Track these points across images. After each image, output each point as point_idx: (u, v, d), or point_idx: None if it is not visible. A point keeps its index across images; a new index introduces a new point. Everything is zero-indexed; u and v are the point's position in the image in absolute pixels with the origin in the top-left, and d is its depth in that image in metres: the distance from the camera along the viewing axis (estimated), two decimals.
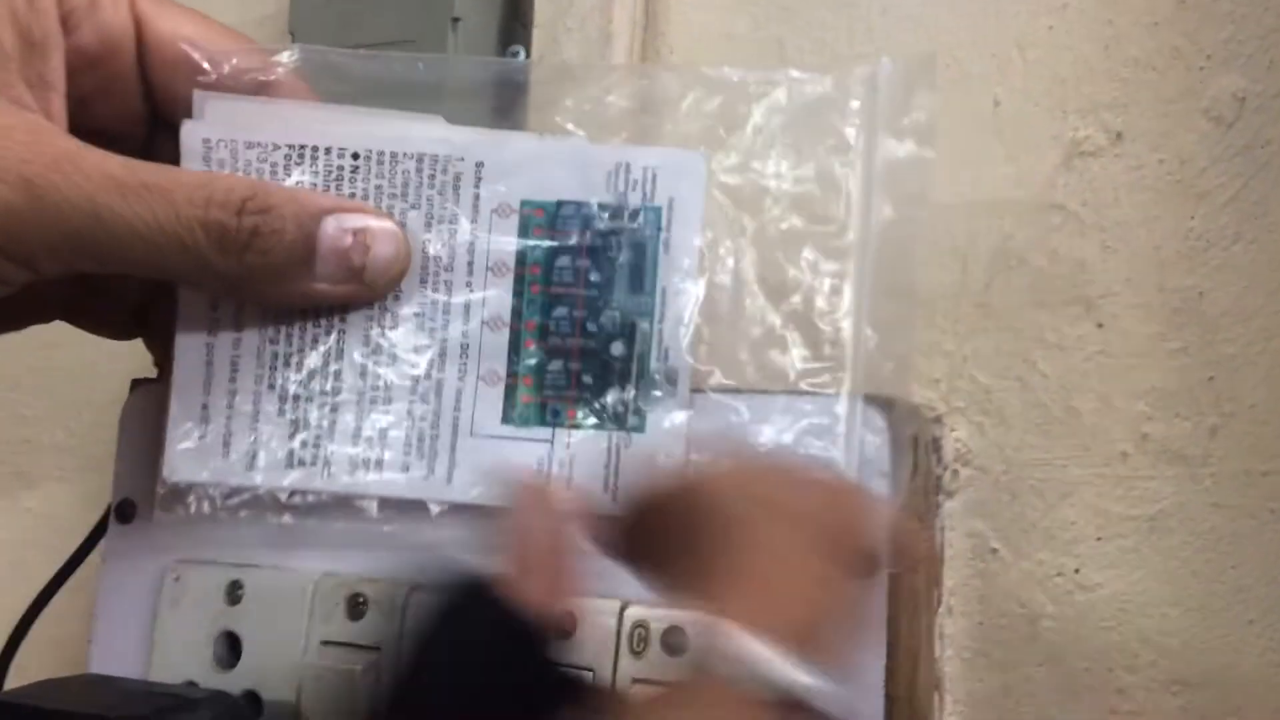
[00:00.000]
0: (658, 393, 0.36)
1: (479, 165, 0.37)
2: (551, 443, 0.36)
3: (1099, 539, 0.39)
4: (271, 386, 0.37)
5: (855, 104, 0.36)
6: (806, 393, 0.35)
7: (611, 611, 0.35)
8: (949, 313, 0.42)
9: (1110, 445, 0.39)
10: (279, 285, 0.34)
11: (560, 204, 0.37)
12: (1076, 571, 0.39)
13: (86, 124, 0.34)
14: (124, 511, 0.43)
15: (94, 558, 0.45)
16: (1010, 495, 0.40)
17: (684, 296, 0.36)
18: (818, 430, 0.35)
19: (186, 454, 0.37)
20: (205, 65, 0.36)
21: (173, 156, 0.36)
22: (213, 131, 0.36)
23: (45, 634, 0.47)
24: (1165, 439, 0.39)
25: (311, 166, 0.36)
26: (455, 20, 0.46)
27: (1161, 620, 0.38)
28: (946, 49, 0.43)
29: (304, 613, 0.38)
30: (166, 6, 0.35)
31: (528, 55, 0.48)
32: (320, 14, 0.48)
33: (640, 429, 0.36)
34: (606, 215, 0.36)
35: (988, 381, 0.41)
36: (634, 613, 0.35)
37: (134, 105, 0.36)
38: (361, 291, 0.35)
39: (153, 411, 0.39)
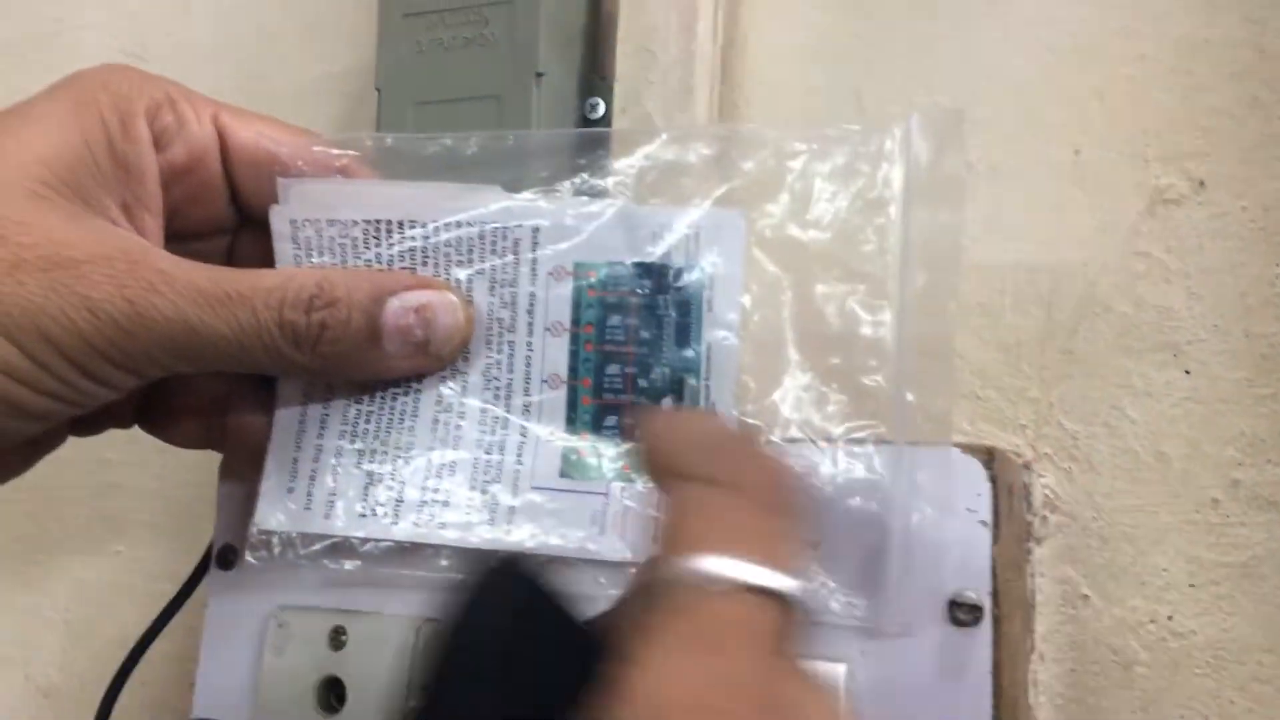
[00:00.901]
0: None
1: (535, 230, 0.38)
2: (607, 495, 0.37)
3: (1191, 585, 0.39)
4: (352, 441, 0.39)
5: (889, 160, 0.37)
6: (853, 446, 0.36)
7: None
8: (1034, 359, 0.42)
9: (1201, 491, 0.40)
10: (353, 366, 0.37)
11: (611, 265, 0.38)
12: (1169, 618, 0.39)
13: (179, 230, 0.38)
14: (225, 558, 0.44)
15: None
16: (1100, 541, 0.41)
17: (728, 353, 0.37)
18: (864, 484, 0.36)
19: (275, 504, 0.39)
20: (286, 159, 0.38)
21: (258, 250, 0.39)
22: (297, 213, 0.39)
23: (136, 675, 0.48)
24: (1256, 485, 0.39)
25: (387, 239, 0.39)
26: (539, 75, 0.47)
27: (1256, 667, 0.38)
28: (1025, 97, 0.44)
29: (408, 658, 0.39)
30: (245, 115, 0.39)
31: (607, 108, 0.49)
32: (406, 71, 0.49)
33: None
34: (653, 275, 0.38)
35: (1075, 428, 0.41)
36: None
37: (221, 208, 0.39)
38: (430, 362, 0.38)
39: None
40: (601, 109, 0.49)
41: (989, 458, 0.35)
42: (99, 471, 0.61)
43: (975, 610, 0.33)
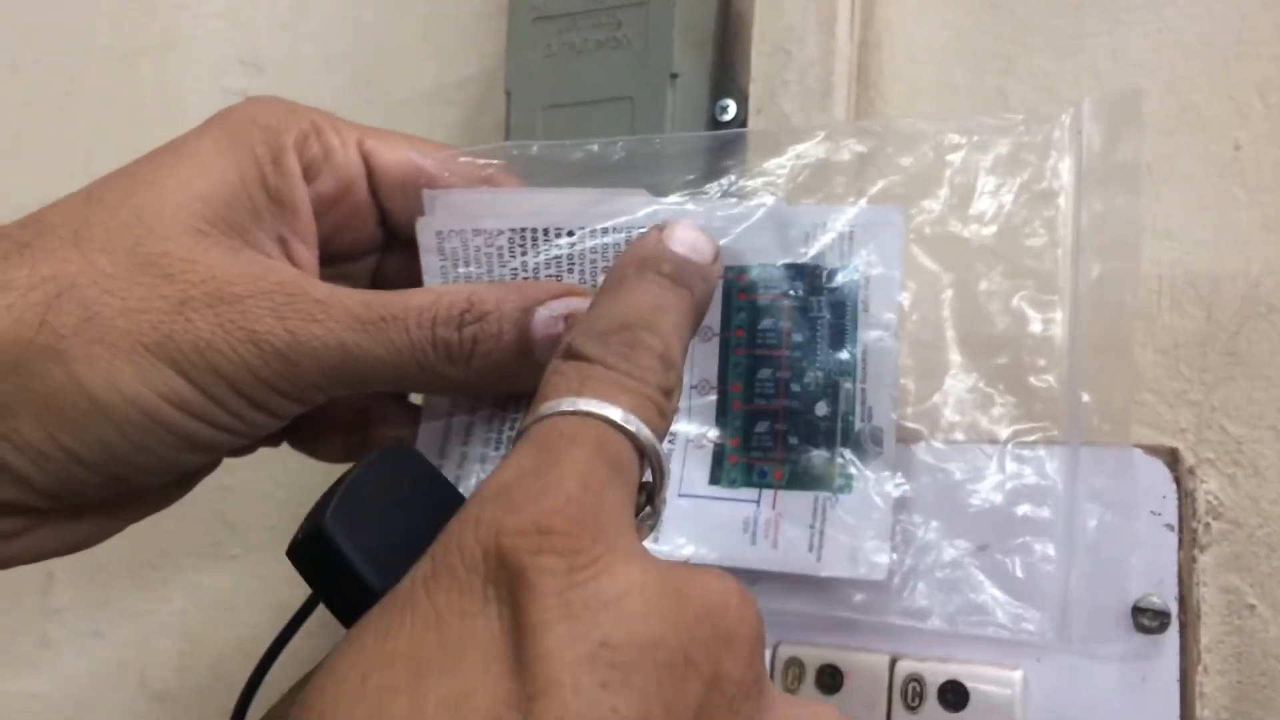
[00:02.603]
0: (864, 452, 0.35)
1: None
2: (758, 503, 0.36)
3: None
4: (497, 448, 0.38)
5: (1058, 149, 0.36)
6: (1022, 450, 0.35)
7: (881, 666, 0.35)
8: (1194, 361, 0.41)
9: None
10: (506, 378, 0.37)
11: (762, 267, 0.37)
12: None
13: (332, 255, 0.39)
14: None
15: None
16: (1268, 549, 0.39)
17: (886, 355, 0.36)
18: (1034, 490, 0.34)
19: None
20: (432, 171, 0.39)
21: (405, 267, 0.40)
22: (444, 224, 0.39)
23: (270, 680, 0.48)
24: None
25: (533, 247, 0.38)
26: (674, 76, 0.47)
27: None
28: (1182, 93, 0.42)
29: None
30: (389, 137, 0.39)
31: (739, 109, 0.48)
32: (536, 74, 0.49)
33: (847, 489, 0.35)
34: (806, 276, 0.37)
35: (1239, 432, 0.40)
36: (906, 666, 0.34)
37: (370, 231, 0.40)
38: None
39: None
40: (732, 110, 0.49)
41: (1173, 459, 0.33)
42: (214, 475, 0.61)
43: (1162, 616, 0.32)
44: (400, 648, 0.24)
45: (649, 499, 0.30)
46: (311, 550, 0.29)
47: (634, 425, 0.28)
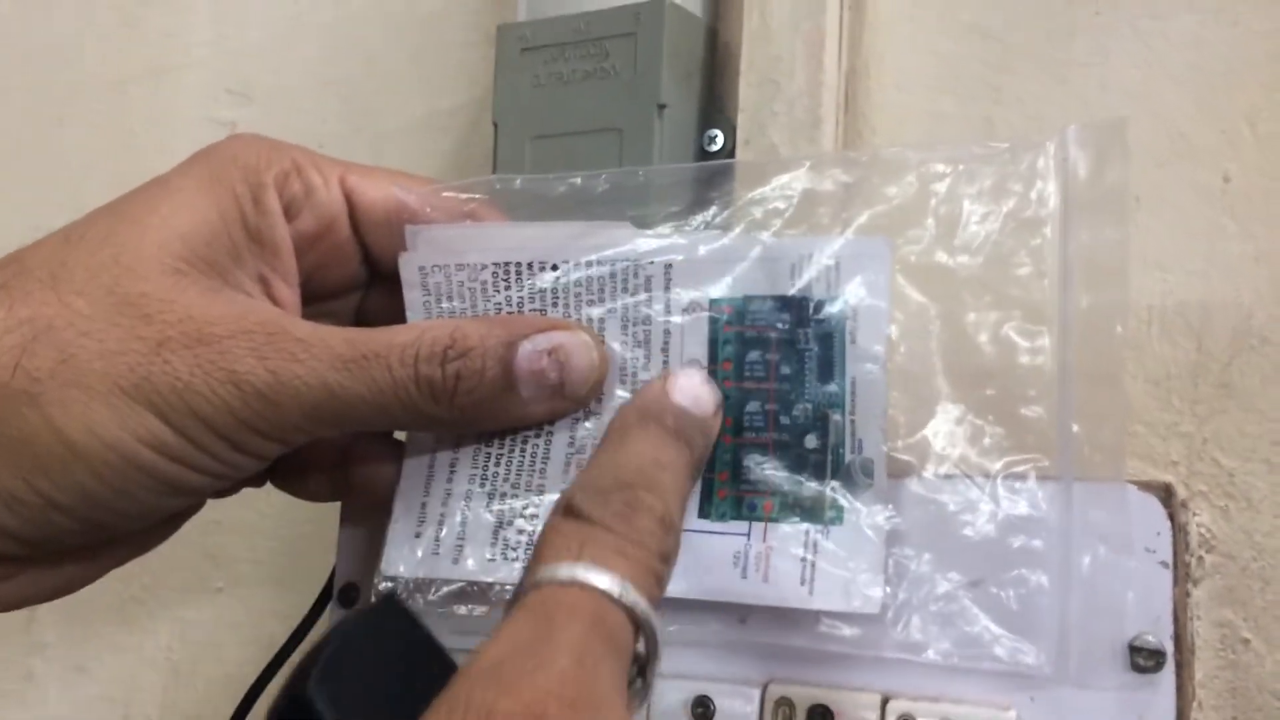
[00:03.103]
0: (855, 484, 0.35)
1: (668, 267, 0.37)
2: (749, 536, 0.36)
3: None
4: (482, 485, 0.38)
5: (1043, 177, 0.36)
6: (1014, 482, 0.34)
7: (872, 705, 0.34)
8: (1185, 393, 0.41)
9: None
10: (490, 415, 0.36)
11: (748, 299, 0.37)
12: None
13: (314, 293, 0.38)
14: (347, 596, 0.43)
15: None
16: (1262, 583, 0.39)
17: (874, 386, 0.35)
18: (1027, 523, 0.34)
19: (403, 550, 0.38)
20: (415, 206, 0.38)
21: (388, 304, 0.39)
22: (426, 259, 0.38)
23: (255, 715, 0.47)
24: None
25: (517, 281, 0.38)
26: (662, 107, 0.47)
27: None
28: (1171, 123, 0.42)
29: None
30: (371, 173, 0.39)
31: (726, 140, 0.48)
32: (523, 105, 0.49)
33: (838, 521, 0.35)
34: (792, 308, 0.36)
35: (1231, 464, 0.40)
36: (898, 706, 0.34)
37: (353, 268, 0.39)
38: (566, 404, 0.37)
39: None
40: (720, 141, 0.48)
41: (1167, 495, 0.33)
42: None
43: (1157, 656, 0.32)
44: None
45: (641, 670, 0.30)
46: (291, 715, 0.28)
47: (631, 599, 0.28)
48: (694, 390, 0.34)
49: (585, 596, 0.28)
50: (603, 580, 0.28)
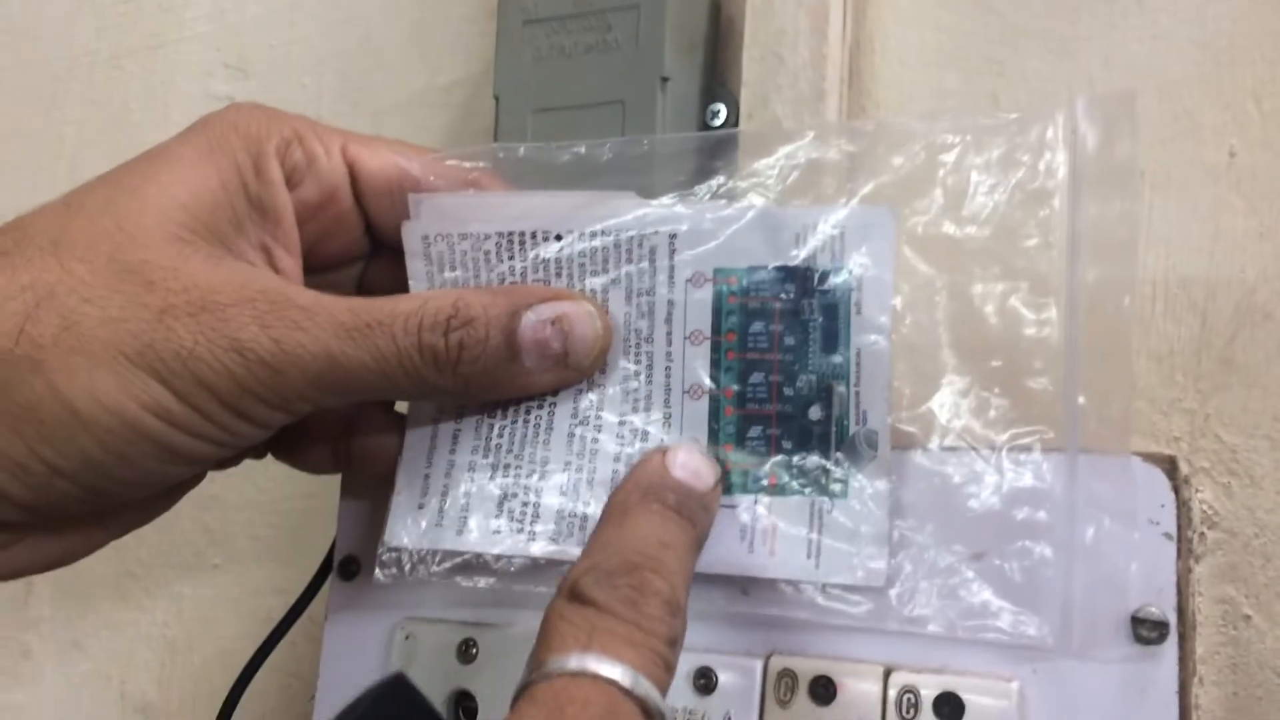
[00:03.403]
0: (859, 456, 0.35)
1: (672, 237, 0.37)
2: (754, 509, 0.35)
3: None
4: (485, 456, 0.38)
5: (1051, 148, 0.35)
6: (1019, 454, 0.34)
7: (874, 676, 0.34)
8: (1189, 369, 0.41)
9: None
10: (494, 384, 0.36)
11: (752, 270, 0.37)
12: None
13: (316, 263, 0.38)
14: (347, 569, 0.43)
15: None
16: (1264, 559, 0.39)
17: (879, 358, 0.35)
18: (1032, 495, 0.34)
19: (407, 521, 0.38)
20: (418, 175, 0.38)
21: (391, 275, 0.39)
22: (429, 228, 0.38)
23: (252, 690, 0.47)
24: None
25: (521, 250, 0.38)
26: (665, 80, 0.46)
27: None
28: (1176, 99, 0.42)
29: None
30: (373, 143, 0.38)
31: (729, 114, 0.48)
32: (525, 78, 0.49)
33: (843, 494, 0.35)
34: (797, 279, 0.36)
35: (1234, 440, 0.40)
36: (900, 678, 0.34)
37: (356, 238, 0.39)
38: (569, 374, 0.37)
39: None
40: (724, 114, 0.48)
41: (1172, 467, 0.33)
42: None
43: (1161, 627, 0.32)
44: None
45: None
46: None
47: (643, 689, 0.28)
48: (694, 465, 0.34)
49: (597, 689, 0.27)
50: (614, 672, 0.28)
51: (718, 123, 0.48)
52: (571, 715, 0.26)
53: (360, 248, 0.39)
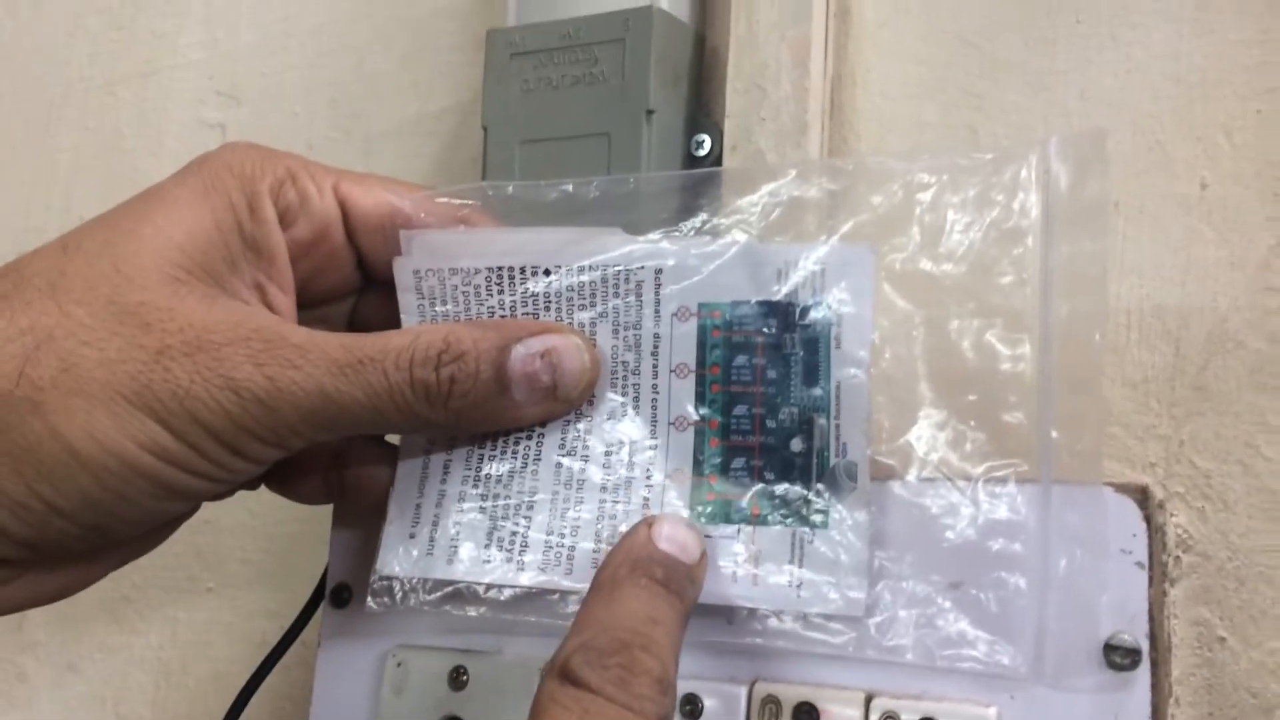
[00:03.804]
0: (839, 488, 0.36)
1: (658, 272, 0.38)
2: (736, 539, 0.36)
3: None
4: (475, 487, 0.38)
5: (1025, 188, 0.36)
6: (994, 486, 0.35)
7: (856, 703, 0.35)
8: (1163, 396, 0.41)
9: None
10: (484, 417, 0.37)
11: (735, 304, 0.38)
12: None
13: (310, 299, 0.39)
14: (340, 596, 0.44)
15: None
16: (1237, 582, 0.40)
17: (858, 391, 0.36)
18: (1007, 526, 0.35)
19: (399, 551, 0.39)
20: (409, 212, 0.39)
21: (382, 309, 0.40)
22: (421, 263, 0.39)
23: (247, 715, 0.48)
24: None
25: (510, 285, 0.39)
26: (650, 112, 0.47)
27: None
28: (1149, 131, 0.43)
29: (530, 698, 0.39)
30: (365, 180, 0.39)
31: (713, 145, 0.49)
32: (513, 110, 0.49)
33: (824, 524, 0.36)
34: (779, 313, 0.37)
35: (1207, 466, 0.41)
36: (881, 704, 0.35)
37: (348, 274, 0.40)
38: (558, 406, 0.38)
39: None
40: (708, 145, 0.49)
41: (1143, 497, 0.34)
42: None
43: (1133, 654, 0.33)
44: None
45: None
46: None
47: None
48: (680, 538, 0.34)
49: None
50: None
51: (702, 153, 0.49)
52: None
53: (352, 283, 0.40)
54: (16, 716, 0.63)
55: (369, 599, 0.39)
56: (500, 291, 0.39)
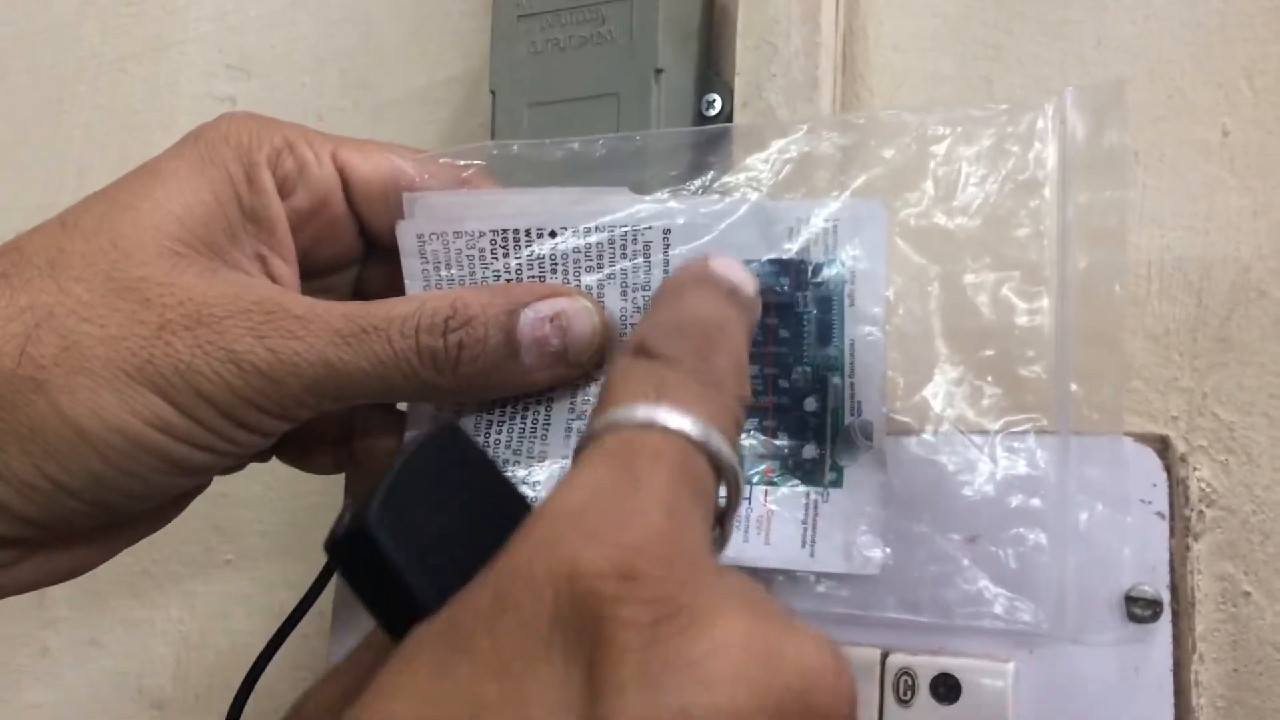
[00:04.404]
0: (854, 446, 0.35)
1: (666, 232, 0.37)
2: (749, 500, 0.36)
3: None
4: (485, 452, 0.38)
5: (1041, 139, 0.36)
6: (1012, 441, 0.35)
7: (872, 660, 0.35)
8: (1185, 348, 0.41)
9: None
10: (493, 383, 0.36)
11: (746, 263, 0.37)
12: None
13: (312, 268, 0.39)
14: None
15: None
16: (1262, 536, 0.39)
17: (874, 349, 0.35)
18: (1025, 481, 0.34)
19: None
20: (412, 174, 0.38)
21: (387, 276, 0.39)
22: (424, 227, 0.38)
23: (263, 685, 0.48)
24: None
25: (516, 248, 0.38)
26: (659, 71, 0.47)
27: None
28: (1168, 78, 0.42)
29: None
30: (364, 147, 0.38)
31: (724, 104, 0.48)
32: (521, 72, 0.49)
33: (838, 484, 0.35)
34: (790, 272, 0.36)
35: (1231, 418, 0.40)
36: (897, 660, 0.34)
37: (350, 242, 0.39)
38: (568, 370, 0.37)
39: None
40: (719, 105, 0.48)
41: (1163, 447, 0.33)
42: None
43: (1154, 605, 0.32)
44: (458, 691, 0.21)
45: (719, 519, 0.27)
46: (351, 550, 0.25)
47: (715, 444, 0.25)
48: (737, 271, 0.31)
49: (668, 442, 0.25)
50: (685, 424, 0.25)
51: (713, 112, 0.48)
52: (643, 469, 0.24)
53: (355, 251, 0.40)
54: (40, 691, 0.64)
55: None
56: (506, 254, 0.38)
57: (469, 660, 0.22)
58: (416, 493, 0.26)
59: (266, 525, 0.60)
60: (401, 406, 0.41)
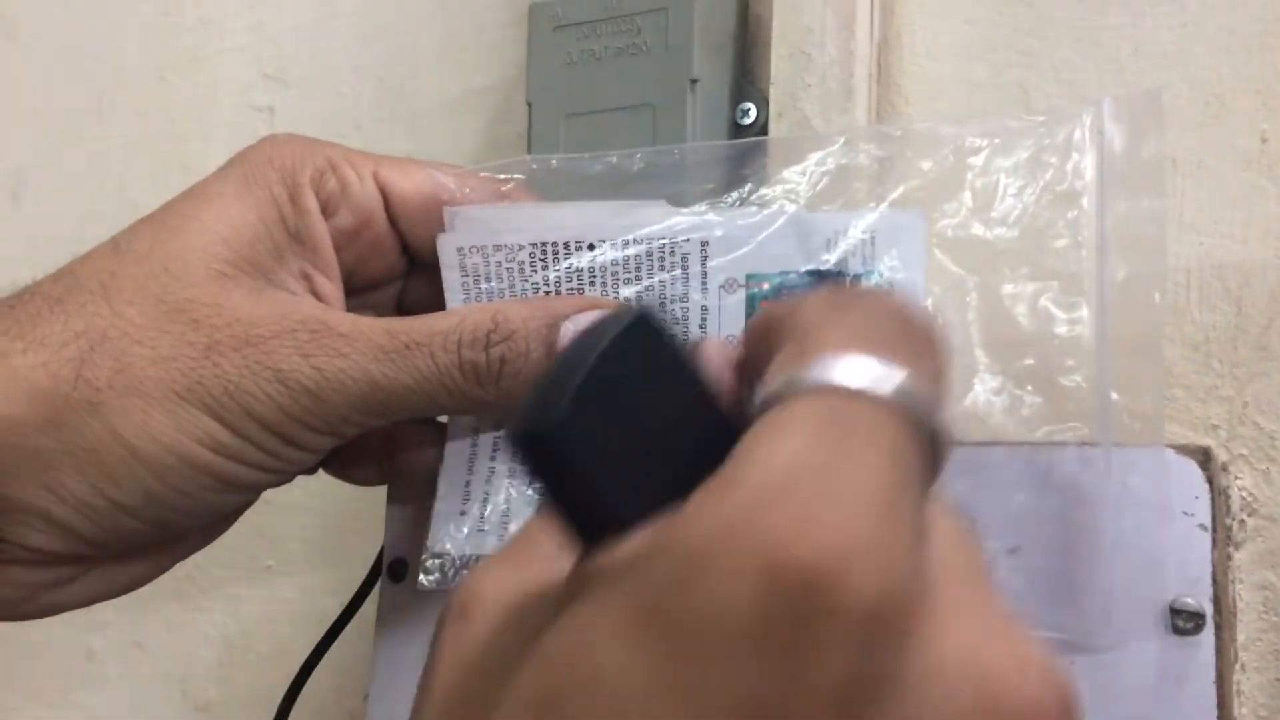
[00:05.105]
0: None
1: (704, 244, 0.37)
2: None
3: None
4: None
5: (1079, 150, 0.36)
6: (1053, 450, 0.35)
7: None
8: (1225, 357, 0.41)
9: None
10: None
11: (784, 275, 0.37)
12: None
13: (356, 285, 0.39)
14: (396, 571, 0.44)
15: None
16: None
17: None
18: (1066, 490, 0.34)
19: (449, 528, 0.39)
20: (452, 189, 0.39)
21: (428, 291, 0.40)
22: (464, 240, 0.39)
23: (309, 690, 0.49)
24: None
25: (555, 261, 0.38)
26: (694, 81, 0.47)
27: None
28: (1206, 85, 0.42)
29: None
30: (404, 165, 0.39)
31: (759, 113, 0.48)
32: (557, 83, 0.49)
33: None
34: (829, 283, 0.36)
35: (1272, 427, 0.40)
36: None
37: (393, 260, 0.40)
38: None
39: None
40: (754, 114, 0.49)
41: (1205, 458, 0.33)
42: None
43: (1198, 618, 0.32)
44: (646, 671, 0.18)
45: None
46: (534, 452, 0.22)
47: (932, 419, 0.22)
48: None
49: (881, 413, 0.21)
50: (902, 393, 0.21)
51: (748, 122, 0.49)
52: (860, 441, 0.20)
53: (398, 267, 0.40)
54: (87, 694, 0.65)
55: (420, 576, 0.39)
56: (545, 267, 0.39)
57: (655, 635, 0.19)
58: (608, 391, 0.22)
59: (308, 533, 0.60)
60: (442, 419, 0.41)
